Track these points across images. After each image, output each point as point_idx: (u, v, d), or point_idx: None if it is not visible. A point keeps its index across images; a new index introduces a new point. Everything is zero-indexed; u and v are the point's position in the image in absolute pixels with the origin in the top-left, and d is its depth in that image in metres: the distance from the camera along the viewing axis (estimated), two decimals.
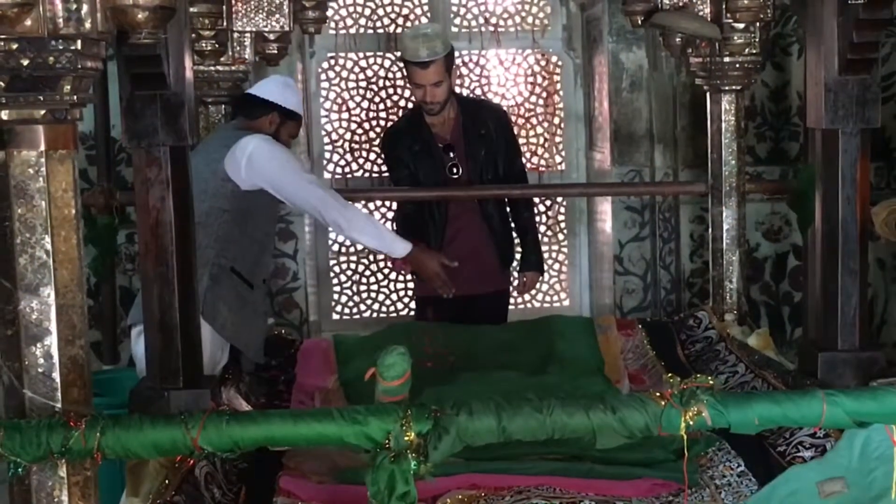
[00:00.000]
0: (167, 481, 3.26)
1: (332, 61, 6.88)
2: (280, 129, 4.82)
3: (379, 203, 6.74)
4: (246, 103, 4.85)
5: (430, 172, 5.64)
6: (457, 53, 6.83)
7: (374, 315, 7.06)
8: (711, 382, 2.64)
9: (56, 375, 2.65)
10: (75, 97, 2.62)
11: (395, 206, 6.22)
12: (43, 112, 2.59)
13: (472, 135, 5.62)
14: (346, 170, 6.92)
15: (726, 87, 5.24)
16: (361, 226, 4.72)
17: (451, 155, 5.60)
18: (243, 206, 4.58)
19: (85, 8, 2.56)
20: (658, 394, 2.64)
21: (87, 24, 2.56)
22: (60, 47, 2.56)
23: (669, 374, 2.75)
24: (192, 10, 4.75)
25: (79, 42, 2.57)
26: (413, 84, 5.52)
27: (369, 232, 4.76)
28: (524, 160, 6.27)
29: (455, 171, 5.61)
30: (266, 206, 4.69)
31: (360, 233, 4.73)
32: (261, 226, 4.71)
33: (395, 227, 5.88)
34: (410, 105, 6.64)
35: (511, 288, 6.06)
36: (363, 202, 6.70)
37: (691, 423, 2.59)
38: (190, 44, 3.96)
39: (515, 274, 6.05)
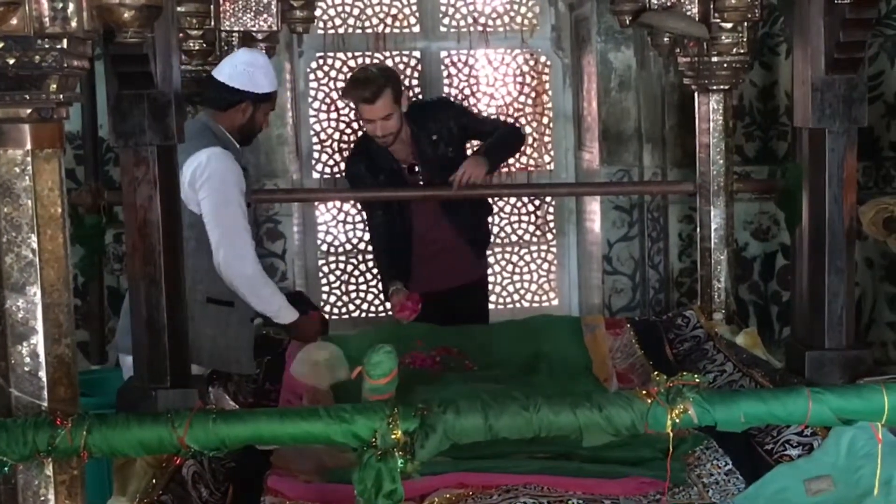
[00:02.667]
0: (154, 481, 3.26)
1: (321, 61, 6.87)
2: (254, 115, 4.54)
3: (354, 211, 6.76)
4: (215, 90, 4.52)
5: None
6: (445, 53, 6.88)
7: (363, 315, 7.05)
8: (698, 380, 2.64)
9: (42, 374, 2.64)
10: (61, 96, 2.61)
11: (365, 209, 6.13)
12: (29, 111, 2.58)
13: (426, 145, 5.53)
14: (335, 169, 6.92)
15: (714, 87, 5.25)
16: (260, 293, 4.49)
17: (416, 170, 5.57)
18: (202, 230, 4.39)
19: (71, 7, 2.55)
20: (644, 392, 2.64)
21: (74, 23, 2.55)
22: (46, 46, 2.55)
23: (656, 373, 2.75)
24: (179, 9, 4.74)
25: (65, 41, 2.56)
26: (364, 120, 5.42)
27: (269, 299, 4.53)
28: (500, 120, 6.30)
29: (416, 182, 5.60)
30: None
31: (259, 300, 4.48)
32: None
33: (371, 240, 5.94)
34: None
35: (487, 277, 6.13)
36: (352, 202, 6.75)
37: (677, 420, 2.59)
38: (177, 43, 3.96)
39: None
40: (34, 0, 2.53)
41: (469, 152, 5.68)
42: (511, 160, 6.21)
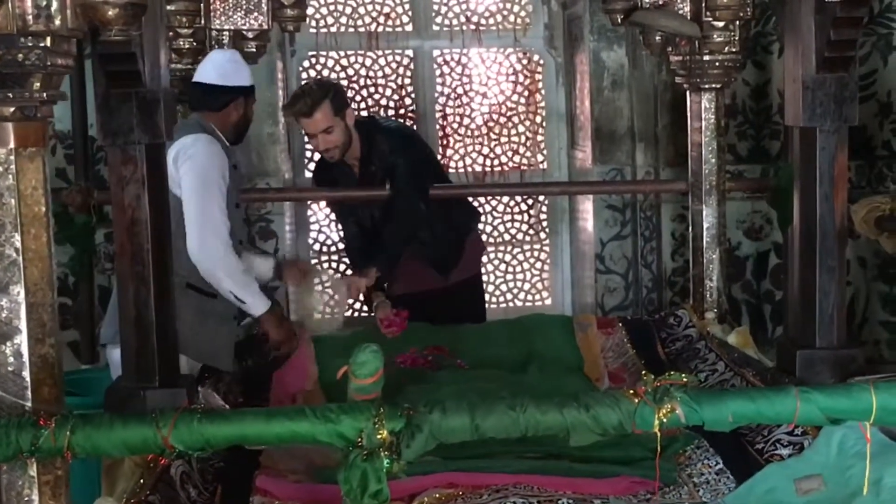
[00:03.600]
0: (142, 481, 3.24)
1: (313, 60, 6.86)
2: (246, 109, 4.63)
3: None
4: (207, 94, 4.53)
5: (365, 205, 5.57)
6: (438, 52, 6.87)
7: (356, 314, 7.03)
8: (685, 380, 2.63)
9: (26, 374, 2.63)
10: (45, 94, 2.60)
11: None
12: (12, 109, 2.57)
13: (368, 167, 5.45)
14: None
15: (706, 86, 5.24)
16: (238, 276, 4.46)
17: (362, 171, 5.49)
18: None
19: (55, 5, 2.54)
20: (632, 391, 2.63)
21: (57, 21, 2.54)
22: (30, 44, 2.54)
23: (644, 372, 2.74)
24: (169, 7, 4.74)
25: (48, 39, 2.55)
26: (306, 135, 5.40)
27: (244, 285, 4.49)
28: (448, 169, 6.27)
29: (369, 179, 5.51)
30: None
31: (234, 282, 4.44)
32: None
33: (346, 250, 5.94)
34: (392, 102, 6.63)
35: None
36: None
37: (665, 420, 2.58)
38: (166, 41, 3.94)
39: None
40: None
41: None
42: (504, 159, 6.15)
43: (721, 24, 5.06)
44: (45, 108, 2.63)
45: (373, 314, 5.59)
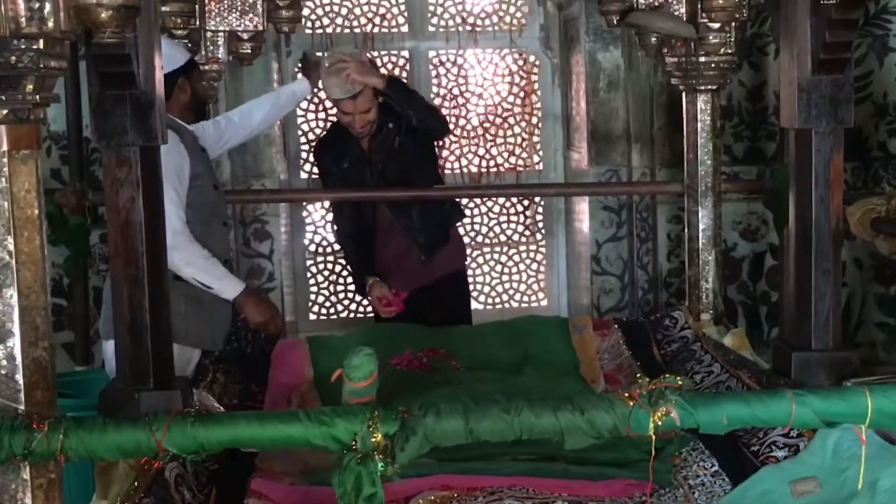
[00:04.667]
0: (136, 483, 3.23)
1: None
2: (193, 87, 4.61)
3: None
4: None
5: (352, 182, 5.62)
6: (433, 53, 6.87)
7: (352, 315, 7.04)
8: (680, 382, 2.63)
9: (19, 377, 2.62)
10: (38, 97, 2.59)
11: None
12: (5, 112, 2.56)
13: (388, 145, 5.53)
14: None
15: (702, 87, 5.23)
16: (202, 262, 4.45)
17: (377, 163, 5.57)
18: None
19: (48, 7, 2.52)
20: (626, 394, 2.63)
21: (50, 24, 2.53)
22: (23, 47, 2.53)
23: (639, 375, 2.74)
24: (164, 8, 4.72)
25: (41, 41, 2.54)
26: (342, 112, 5.43)
27: (209, 271, 4.47)
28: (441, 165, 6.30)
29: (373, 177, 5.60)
30: (194, 198, 4.49)
31: (200, 269, 4.44)
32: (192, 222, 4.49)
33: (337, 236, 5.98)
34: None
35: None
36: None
37: (660, 423, 2.57)
38: (160, 43, 3.92)
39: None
40: (10, 0, 2.50)
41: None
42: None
43: (717, 25, 5.05)
44: (38, 110, 2.62)
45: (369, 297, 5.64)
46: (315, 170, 6.85)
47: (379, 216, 5.66)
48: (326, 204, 6.81)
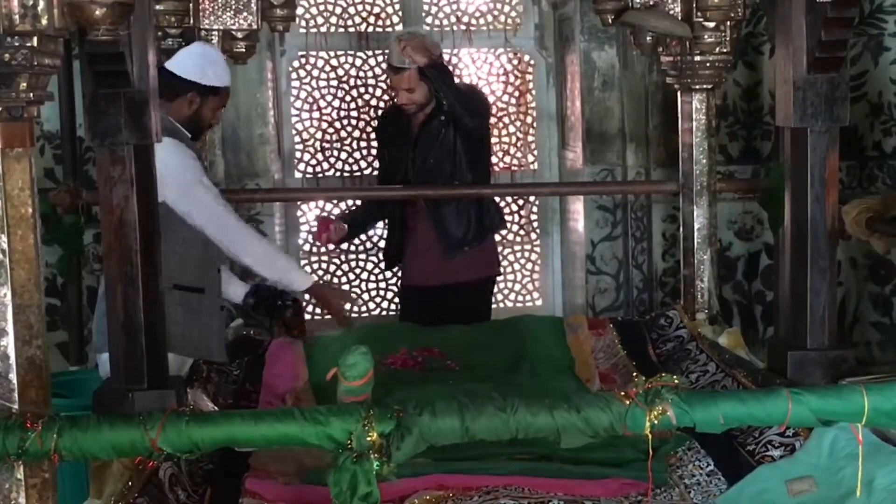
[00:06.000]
0: (131, 483, 3.22)
1: (303, 60, 6.84)
2: (201, 108, 4.55)
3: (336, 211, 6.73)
4: (163, 79, 4.27)
5: (398, 165, 5.75)
6: None
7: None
8: (676, 381, 2.62)
9: (13, 376, 2.61)
10: (32, 95, 2.58)
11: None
12: None
13: (433, 135, 5.64)
14: (318, 169, 6.89)
15: (697, 86, 5.23)
16: (263, 257, 4.49)
17: (420, 153, 5.65)
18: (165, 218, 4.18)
19: (41, 4, 2.51)
20: (623, 393, 2.62)
21: (44, 21, 2.52)
22: (16, 44, 2.52)
23: (635, 374, 2.73)
24: (158, 7, 4.72)
25: (35, 39, 2.53)
26: (391, 86, 5.65)
27: (273, 265, 4.53)
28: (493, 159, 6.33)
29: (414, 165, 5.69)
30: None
31: (262, 265, 4.50)
32: (183, 231, 4.44)
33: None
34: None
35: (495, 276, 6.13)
36: (335, 201, 6.72)
37: (656, 422, 2.57)
38: (154, 41, 3.92)
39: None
40: None
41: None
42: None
43: (712, 24, 5.05)
44: (31, 108, 2.61)
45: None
46: (309, 170, 6.89)
47: (410, 209, 5.78)
48: (328, 207, 6.82)
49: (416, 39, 5.59)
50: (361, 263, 7.00)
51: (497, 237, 6.25)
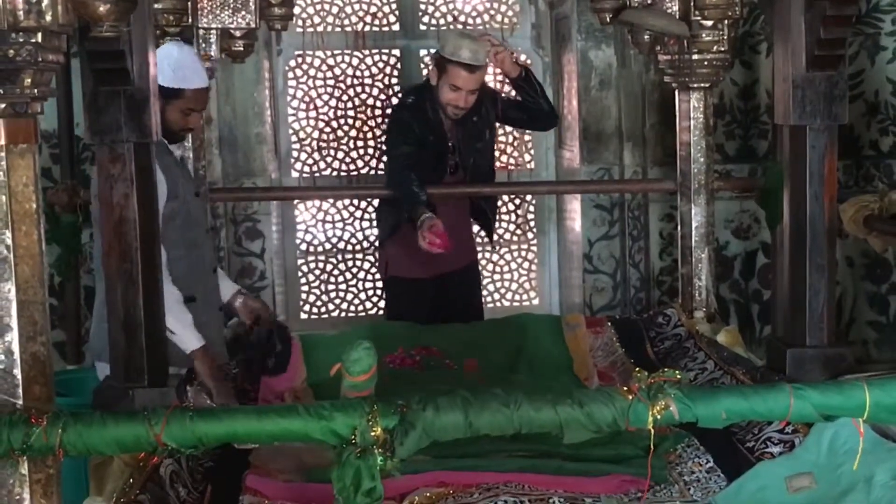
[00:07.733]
0: (132, 480, 3.23)
1: (300, 59, 6.85)
2: (165, 111, 4.12)
3: (334, 210, 6.79)
4: None
5: (429, 160, 5.47)
6: (425, 52, 6.88)
7: (343, 314, 7.03)
8: (679, 377, 2.63)
9: (17, 372, 2.61)
10: (36, 90, 2.58)
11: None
12: (3, 106, 2.55)
13: (472, 135, 5.60)
14: (314, 168, 6.90)
15: (695, 85, 5.24)
16: (173, 302, 4.14)
17: (451, 147, 5.56)
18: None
19: (45, 0, 2.51)
20: (625, 388, 2.62)
21: (48, 17, 2.52)
22: (21, 40, 2.52)
23: (637, 369, 2.73)
24: (156, 5, 4.71)
25: (39, 35, 2.52)
26: (450, 86, 5.34)
27: (178, 313, 4.17)
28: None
29: (451, 165, 5.61)
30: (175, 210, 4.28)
31: (169, 308, 4.07)
32: (175, 239, 4.28)
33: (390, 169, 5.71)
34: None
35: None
36: (332, 200, 6.73)
37: (658, 417, 2.57)
38: (154, 39, 3.92)
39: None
40: None
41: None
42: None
43: (709, 23, 5.05)
44: (35, 104, 2.61)
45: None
46: (306, 169, 6.88)
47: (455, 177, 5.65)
48: (325, 206, 6.81)
49: (503, 47, 5.62)
50: (358, 263, 7.01)
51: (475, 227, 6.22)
